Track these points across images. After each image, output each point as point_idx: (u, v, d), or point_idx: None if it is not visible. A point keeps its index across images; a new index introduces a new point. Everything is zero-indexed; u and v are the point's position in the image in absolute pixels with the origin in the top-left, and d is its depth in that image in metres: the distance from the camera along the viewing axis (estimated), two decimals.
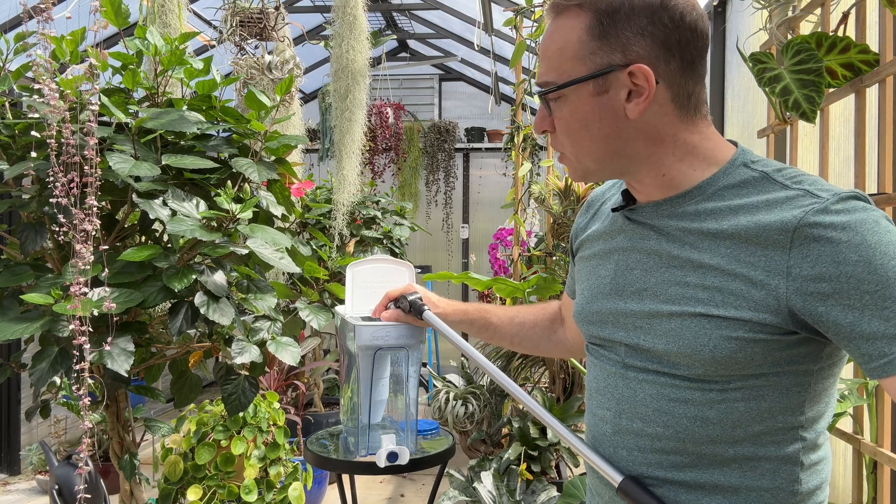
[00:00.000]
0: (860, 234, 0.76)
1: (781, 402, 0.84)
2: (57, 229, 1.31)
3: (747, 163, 0.88)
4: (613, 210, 0.99)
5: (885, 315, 0.75)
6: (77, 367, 1.28)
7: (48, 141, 1.28)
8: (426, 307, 1.36)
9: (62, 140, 1.29)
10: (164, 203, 1.48)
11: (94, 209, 1.29)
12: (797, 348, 0.82)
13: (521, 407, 3.33)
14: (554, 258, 3.40)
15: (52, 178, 1.29)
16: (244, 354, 1.58)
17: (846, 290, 0.76)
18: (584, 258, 1.06)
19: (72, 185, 1.29)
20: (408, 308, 1.54)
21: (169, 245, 1.62)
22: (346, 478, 2.36)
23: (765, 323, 0.81)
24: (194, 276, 1.45)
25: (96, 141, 1.31)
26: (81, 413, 1.29)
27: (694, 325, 0.84)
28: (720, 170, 0.88)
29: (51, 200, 1.29)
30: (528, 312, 1.32)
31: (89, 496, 1.19)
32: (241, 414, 2.49)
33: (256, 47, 3.13)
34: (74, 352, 1.29)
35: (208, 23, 4.49)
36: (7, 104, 1.54)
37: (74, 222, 1.28)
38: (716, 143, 0.91)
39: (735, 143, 0.92)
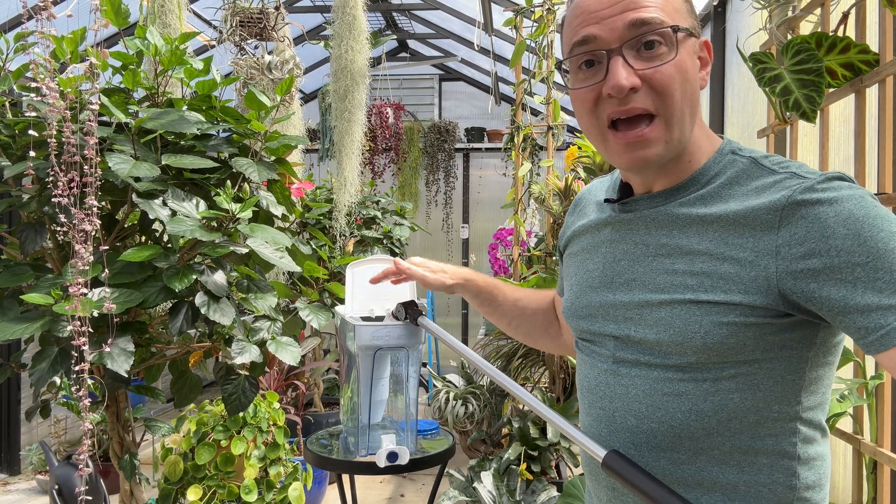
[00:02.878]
0: (847, 208, 0.76)
1: (776, 390, 0.83)
2: (57, 229, 1.31)
3: (734, 150, 0.89)
4: (606, 201, 0.98)
5: (878, 286, 0.73)
6: (77, 367, 1.28)
7: (48, 140, 1.28)
8: (422, 314, 1.40)
9: (62, 140, 1.29)
10: (164, 203, 1.48)
11: (94, 209, 1.29)
12: (789, 332, 0.82)
13: (521, 407, 3.33)
14: (554, 258, 3.40)
15: (52, 178, 1.29)
16: (244, 354, 1.58)
17: (837, 264, 0.75)
18: (571, 254, 1.05)
19: (72, 185, 1.29)
20: (404, 315, 1.56)
21: (169, 245, 1.62)
22: (346, 478, 2.36)
23: (755, 305, 0.80)
24: (194, 276, 1.45)
25: (96, 140, 1.31)
26: (82, 414, 1.29)
27: (684, 312, 0.83)
28: (710, 159, 0.89)
29: (52, 200, 1.29)
30: (532, 299, 1.29)
31: (90, 498, 1.19)
32: (241, 414, 2.48)
33: (256, 47, 3.13)
34: (74, 352, 1.29)
35: (208, 23, 4.49)
36: (7, 104, 1.54)
37: (74, 222, 1.28)
38: (708, 132, 0.93)
39: (721, 136, 0.94)
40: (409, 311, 1.53)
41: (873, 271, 0.74)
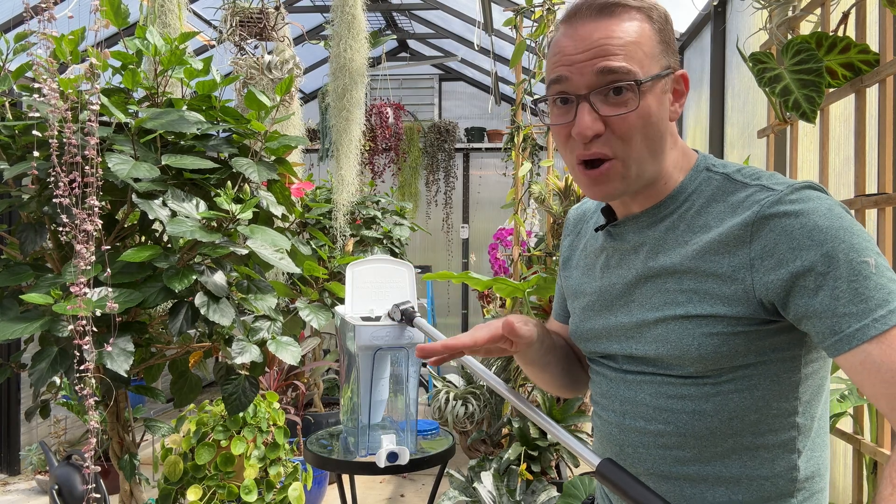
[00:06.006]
0: (812, 220, 0.80)
1: (774, 389, 0.87)
2: (58, 229, 1.31)
3: (709, 167, 0.93)
4: (596, 230, 1.03)
5: (836, 294, 0.78)
6: (82, 367, 1.28)
7: (50, 141, 1.28)
8: (417, 314, 1.43)
9: (63, 140, 1.29)
10: (164, 203, 1.48)
11: (95, 209, 1.29)
12: (778, 336, 0.86)
13: None
14: (554, 258, 3.40)
15: (53, 178, 1.29)
16: (244, 354, 1.58)
17: (801, 273, 0.80)
18: (570, 277, 1.10)
19: (73, 185, 1.29)
20: (399, 317, 1.56)
21: (169, 245, 1.62)
22: (346, 478, 2.36)
23: (739, 316, 0.85)
24: (194, 277, 1.45)
25: (97, 141, 1.31)
26: (88, 413, 1.29)
27: (678, 327, 0.88)
28: (686, 177, 0.94)
29: (53, 200, 1.29)
30: (561, 331, 1.19)
31: (98, 496, 1.19)
32: (241, 414, 2.48)
33: (256, 47, 3.13)
34: (74, 352, 1.29)
35: (208, 23, 4.49)
36: (7, 104, 1.54)
37: (76, 222, 1.28)
38: (686, 149, 0.97)
39: (696, 151, 0.98)
40: (404, 313, 1.54)
41: (833, 280, 0.78)
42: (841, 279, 0.78)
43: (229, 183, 1.55)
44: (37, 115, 1.49)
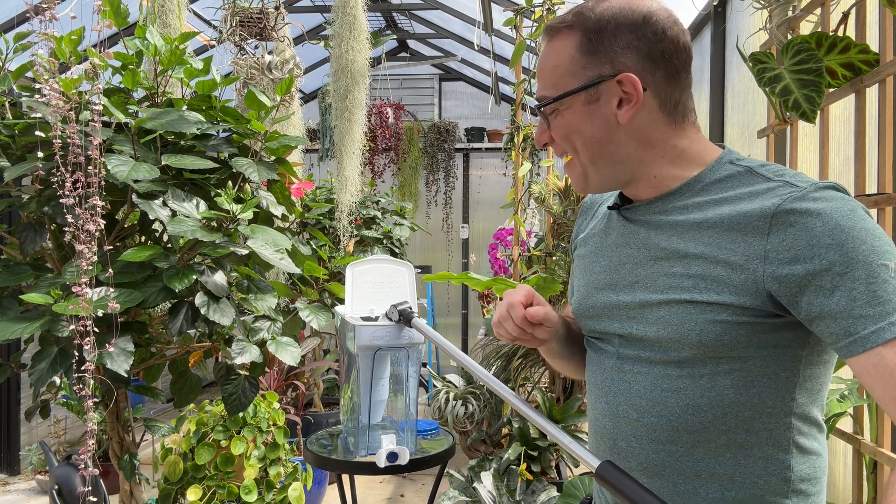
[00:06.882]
0: (834, 219, 0.80)
1: (770, 386, 0.87)
2: (61, 229, 1.31)
3: (733, 160, 0.94)
4: (609, 208, 1.04)
5: (853, 296, 0.78)
6: (83, 367, 1.28)
7: (54, 141, 1.28)
8: (415, 315, 1.42)
9: (66, 140, 1.30)
10: (164, 203, 1.48)
11: (98, 209, 1.29)
12: (782, 332, 0.86)
13: None
14: (554, 258, 3.40)
15: (57, 179, 1.29)
16: (244, 354, 1.58)
17: (818, 271, 0.80)
18: (580, 256, 1.11)
19: (77, 186, 1.29)
20: (397, 317, 1.56)
21: (169, 245, 1.62)
22: (346, 478, 2.36)
23: (746, 306, 0.84)
24: (194, 277, 1.45)
25: (100, 141, 1.31)
26: (85, 415, 1.29)
27: (681, 311, 0.88)
28: (707, 167, 0.94)
29: (55, 201, 1.29)
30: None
31: (94, 499, 1.19)
32: (240, 414, 2.48)
33: (256, 47, 3.13)
34: (74, 352, 1.29)
35: (208, 23, 4.49)
36: (7, 104, 1.54)
37: (79, 222, 1.28)
38: (704, 147, 0.96)
39: (722, 146, 0.98)
40: (402, 313, 1.54)
41: (851, 281, 0.78)
42: (859, 280, 0.78)
43: (229, 183, 1.55)
44: (37, 115, 1.49)
